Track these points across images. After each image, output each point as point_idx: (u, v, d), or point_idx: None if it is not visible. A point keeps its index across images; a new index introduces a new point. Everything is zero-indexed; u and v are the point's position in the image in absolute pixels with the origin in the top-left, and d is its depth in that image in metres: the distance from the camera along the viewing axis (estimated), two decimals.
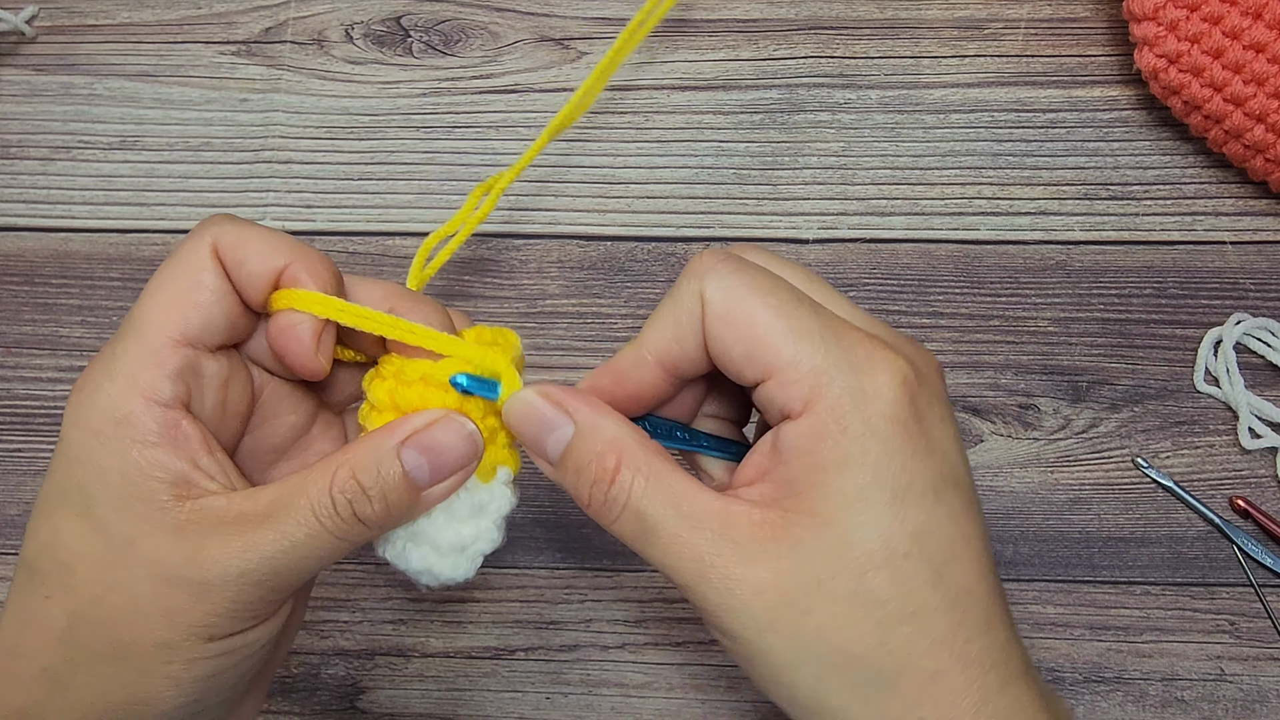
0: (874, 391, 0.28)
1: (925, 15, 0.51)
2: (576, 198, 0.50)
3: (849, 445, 0.28)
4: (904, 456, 0.28)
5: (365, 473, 0.30)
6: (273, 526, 0.29)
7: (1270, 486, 0.46)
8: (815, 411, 0.28)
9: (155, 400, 0.29)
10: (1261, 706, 0.44)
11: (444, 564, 0.32)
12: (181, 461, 0.29)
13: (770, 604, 0.28)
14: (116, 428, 0.29)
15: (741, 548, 0.29)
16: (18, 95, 0.51)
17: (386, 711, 0.45)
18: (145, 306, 0.30)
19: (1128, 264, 0.48)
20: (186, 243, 0.31)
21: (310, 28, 0.52)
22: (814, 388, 0.28)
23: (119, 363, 0.29)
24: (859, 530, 0.28)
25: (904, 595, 0.28)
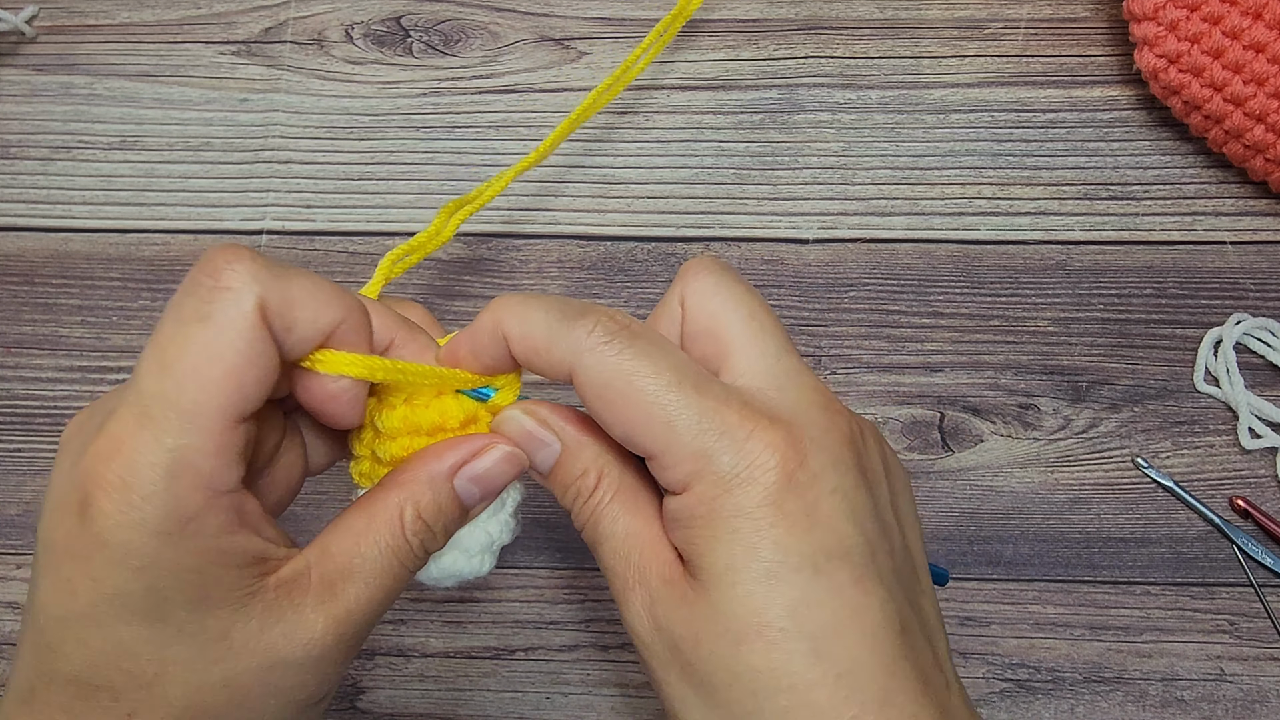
0: (748, 474, 0.28)
1: (925, 15, 0.51)
2: (576, 198, 0.50)
3: (719, 525, 0.28)
4: (777, 533, 0.28)
5: (428, 509, 0.30)
6: (362, 580, 0.29)
7: (1270, 486, 0.46)
8: (692, 492, 0.29)
9: (222, 491, 0.27)
10: (1261, 706, 0.44)
11: (471, 564, 0.33)
12: (254, 540, 0.28)
13: (666, 645, 0.30)
14: (185, 526, 0.26)
15: (651, 587, 0.30)
16: (18, 95, 0.51)
17: (386, 711, 0.45)
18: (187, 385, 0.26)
19: (1128, 264, 0.48)
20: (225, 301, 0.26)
21: (310, 28, 0.52)
22: (691, 472, 0.29)
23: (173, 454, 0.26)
24: (732, 604, 0.28)
25: (778, 668, 0.28)
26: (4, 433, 0.48)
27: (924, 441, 0.47)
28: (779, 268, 0.49)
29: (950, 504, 0.47)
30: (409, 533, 0.30)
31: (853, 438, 0.30)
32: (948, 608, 0.46)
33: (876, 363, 0.48)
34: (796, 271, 0.49)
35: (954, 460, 0.47)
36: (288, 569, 0.28)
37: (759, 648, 0.28)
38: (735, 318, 0.31)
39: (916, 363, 0.48)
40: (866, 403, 0.47)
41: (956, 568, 0.46)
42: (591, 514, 0.32)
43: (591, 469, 0.31)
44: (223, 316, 0.26)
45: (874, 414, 0.47)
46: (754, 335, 0.31)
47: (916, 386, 0.47)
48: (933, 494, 0.47)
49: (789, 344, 0.32)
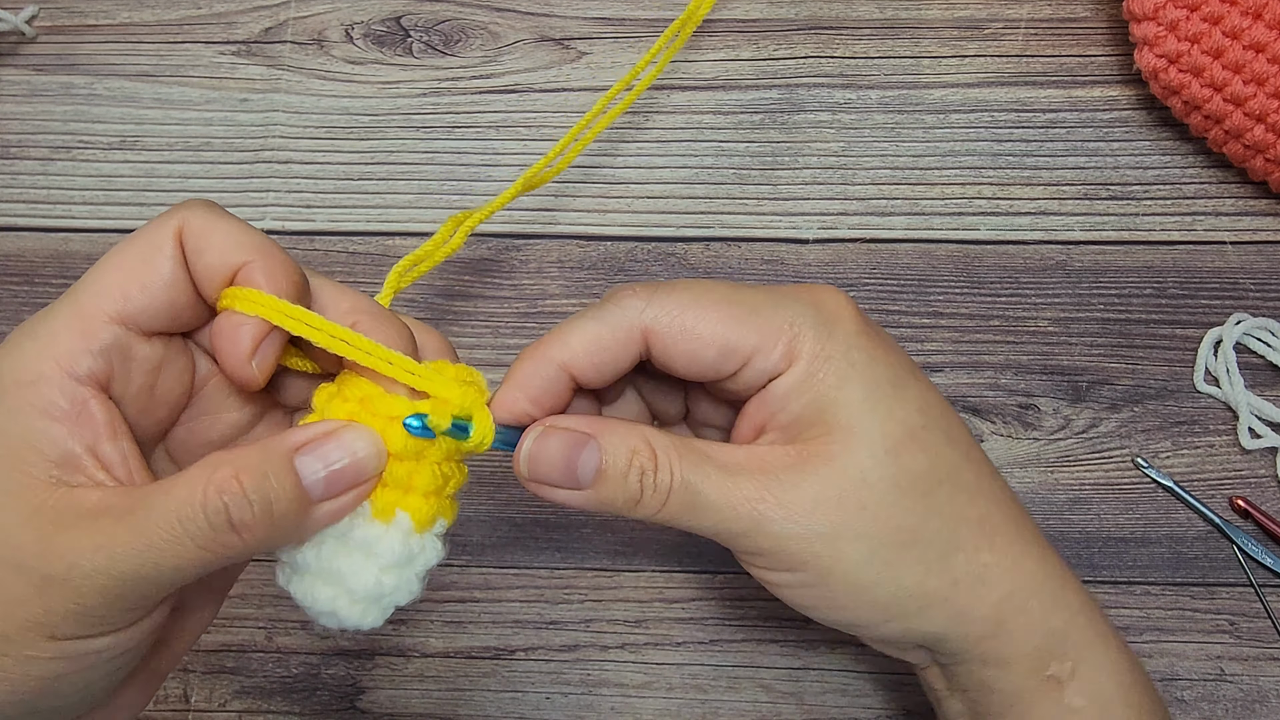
0: (835, 320, 0.32)
1: (925, 15, 0.51)
2: (577, 198, 0.50)
3: (839, 366, 0.32)
4: (881, 354, 0.33)
5: (251, 475, 0.27)
6: (132, 527, 0.26)
7: (1270, 486, 0.46)
8: (800, 358, 0.32)
9: (69, 372, 0.27)
10: (1261, 706, 0.44)
11: (354, 610, 0.30)
12: (75, 442, 0.27)
13: (829, 513, 0.31)
14: (19, 388, 0.27)
15: (784, 479, 0.31)
16: (18, 95, 0.51)
17: (386, 711, 0.45)
18: (90, 277, 0.29)
19: (1128, 264, 0.48)
20: (153, 222, 0.30)
21: (310, 28, 0.52)
22: (789, 342, 0.32)
23: (43, 325, 0.28)
24: (879, 424, 0.32)
25: (933, 460, 0.32)
26: None
27: None
28: (779, 268, 0.49)
29: None
30: (211, 490, 0.26)
31: None
32: None
33: None
34: (796, 271, 0.49)
35: None
36: (83, 491, 0.27)
37: (916, 450, 0.32)
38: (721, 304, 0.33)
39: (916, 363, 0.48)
40: None
41: None
42: (673, 481, 0.31)
43: (639, 444, 0.31)
44: (143, 233, 0.29)
45: None
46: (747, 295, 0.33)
47: None
48: None
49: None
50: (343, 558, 0.30)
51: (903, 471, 0.31)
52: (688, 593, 0.46)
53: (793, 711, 0.45)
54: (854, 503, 0.31)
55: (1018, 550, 0.33)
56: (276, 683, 0.45)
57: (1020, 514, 0.34)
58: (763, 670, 0.45)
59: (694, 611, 0.46)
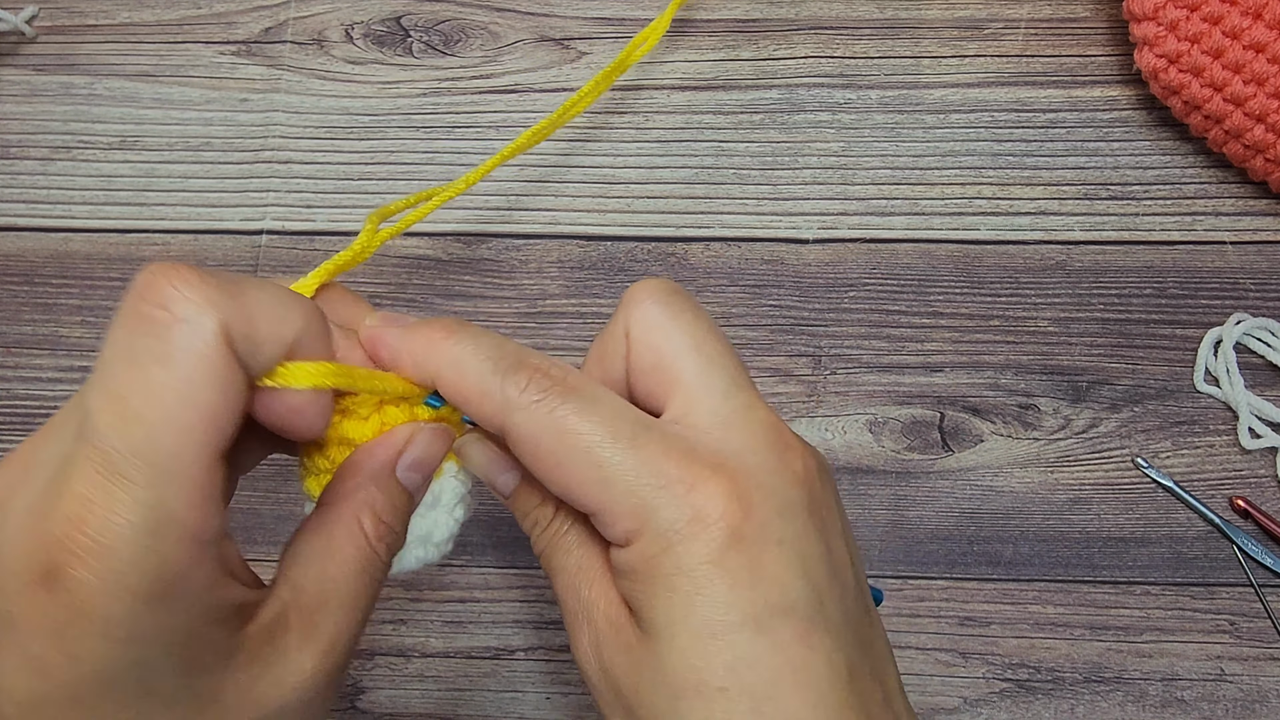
0: (689, 529, 0.27)
1: (925, 15, 0.51)
2: (576, 198, 0.50)
3: (660, 581, 0.28)
4: (718, 590, 0.27)
5: (387, 512, 0.29)
6: (339, 608, 0.28)
7: (1270, 486, 0.46)
8: (634, 549, 0.28)
9: (207, 541, 0.24)
10: (1261, 706, 0.44)
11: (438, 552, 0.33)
12: (234, 589, 0.26)
13: (610, 687, 0.29)
14: (172, 588, 0.24)
15: (599, 630, 0.30)
16: (18, 95, 0.51)
17: (386, 711, 0.45)
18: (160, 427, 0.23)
19: (1128, 264, 0.48)
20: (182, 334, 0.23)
21: (310, 28, 0.52)
22: (632, 529, 0.28)
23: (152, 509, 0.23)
24: (673, 660, 0.28)
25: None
26: (4, 433, 0.48)
27: (924, 441, 0.47)
28: (779, 268, 0.49)
29: (950, 504, 0.47)
30: (373, 540, 0.29)
31: (805, 478, 0.29)
32: (948, 608, 0.46)
33: (876, 363, 0.48)
34: (796, 271, 0.49)
35: (954, 460, 0.47)
36: (266, 613, 0.27)
37: (697, 705, 0.27)
38: (682, 350, 0.30)
39: (916, 363, 0.48)
40: (866, 403, 0.47)
41: (956, 568, 0.46)
42: (548, 544, 0.31)
43: (549, 500, 0.31)
44: (184, 355, 0.23)
45: (874, 414, 0.47)
46: (701, 370, 0.30)
47: (916, 386, 0.47)
48: (933, 494, 0.47)
49: (740, 376, 0.30)
50: (421, 520, 0.32)
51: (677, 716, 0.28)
52: None
53: None
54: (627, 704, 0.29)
55: None
56: None
57: None
58: None
59: None
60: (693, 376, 0.30)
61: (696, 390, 0.30)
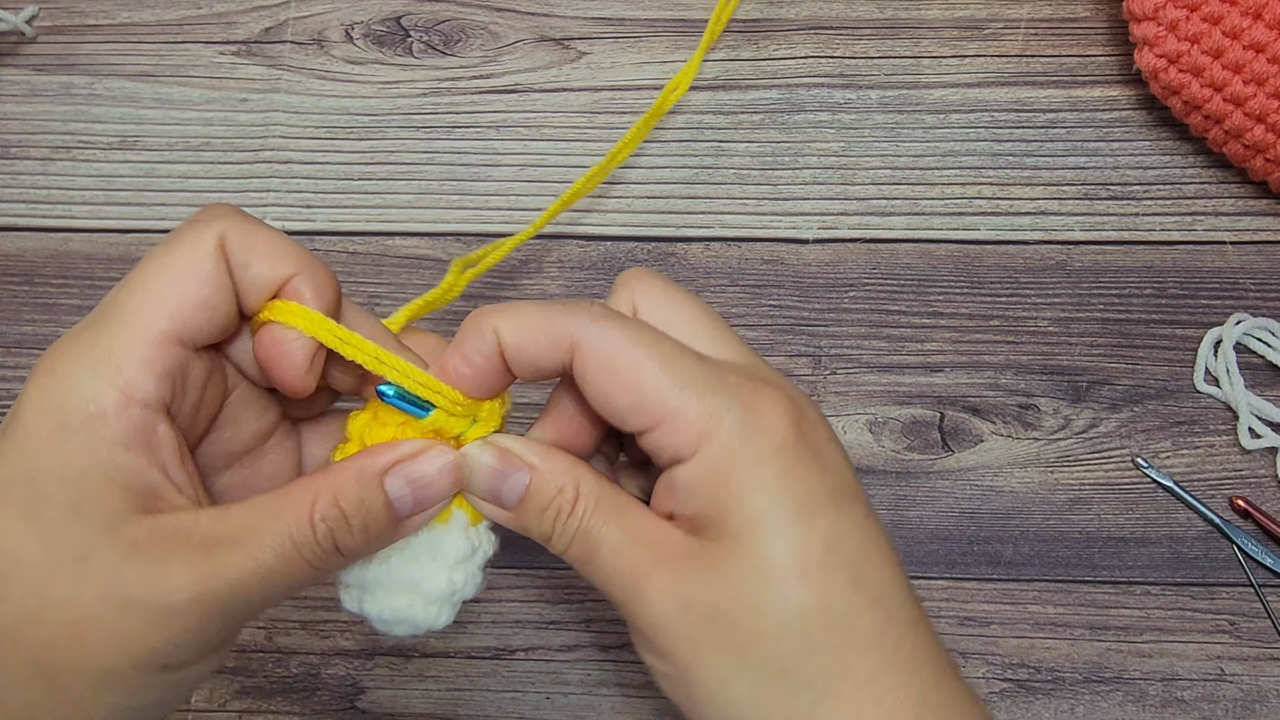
0: (761, 424, 0.29)
1: (925, 15, 0.51)
2: None
3: (744, 475, 0.29)
4: (799, 474, 0.29)
5: (348, 499, 0.29)
6: (244, 551, 0.27)
7: (1270, 486, 0.46)
8: (705, 452, 0.29)
9: (137, 399, 0.27)
10: (1261, 706, 0.44)
11: (428, 613, 0.31)
12: (153, 470, 0.27)
13: (699, 619, 0.29)
14: (89, 422, 0.26)
15: (670, 566, 0.29)
16: (18, 95, 0.51)
17: (386, 711, 0.45)
18: (138, 292, 0.27)
19: (1128, 264, 0.48)
20: (189, 230, 0.28)
21: (310, 28, 0.52)
22: (701, 432, 0.29)
23: (101, 351, 0.27)
24: (771, 547, 0.29)
25: (826, 602, 0.29)
26: None
27: (924, 441, 0.47)
28: (779, 268, 0.49)
29: (950, 504, 0.47)
30: (317, 517, 0.28)
31: (812, 401, 0.33)
32: (948, 608, 0.46)
33: (876, 363, 0.48)
34: (796, 271, 0.49)
35: (954, 460, 0.47)
36: (176, 516, 0.27)
37: (804, 585, 0.28)
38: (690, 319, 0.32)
39: (916, 363, 0.48)
40: (866, 403, 0.47)
41: (956, 568, 0.46)
42: (579, 527, 0.31)
43: (568, 483, 0.31)
44: (183, 242, 0.28)
45: (874, 414, 0.47)
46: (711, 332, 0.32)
47: (916, 386, 0.47)
48: (933, 494, 0.47)
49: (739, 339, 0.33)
50: (413, 566, 0.31)
51: (784, 605, 0.28)
52: None
53: None
54: (727, 620, 0.29)
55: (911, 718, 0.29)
56: (276, 683, 0.45)
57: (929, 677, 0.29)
58: None
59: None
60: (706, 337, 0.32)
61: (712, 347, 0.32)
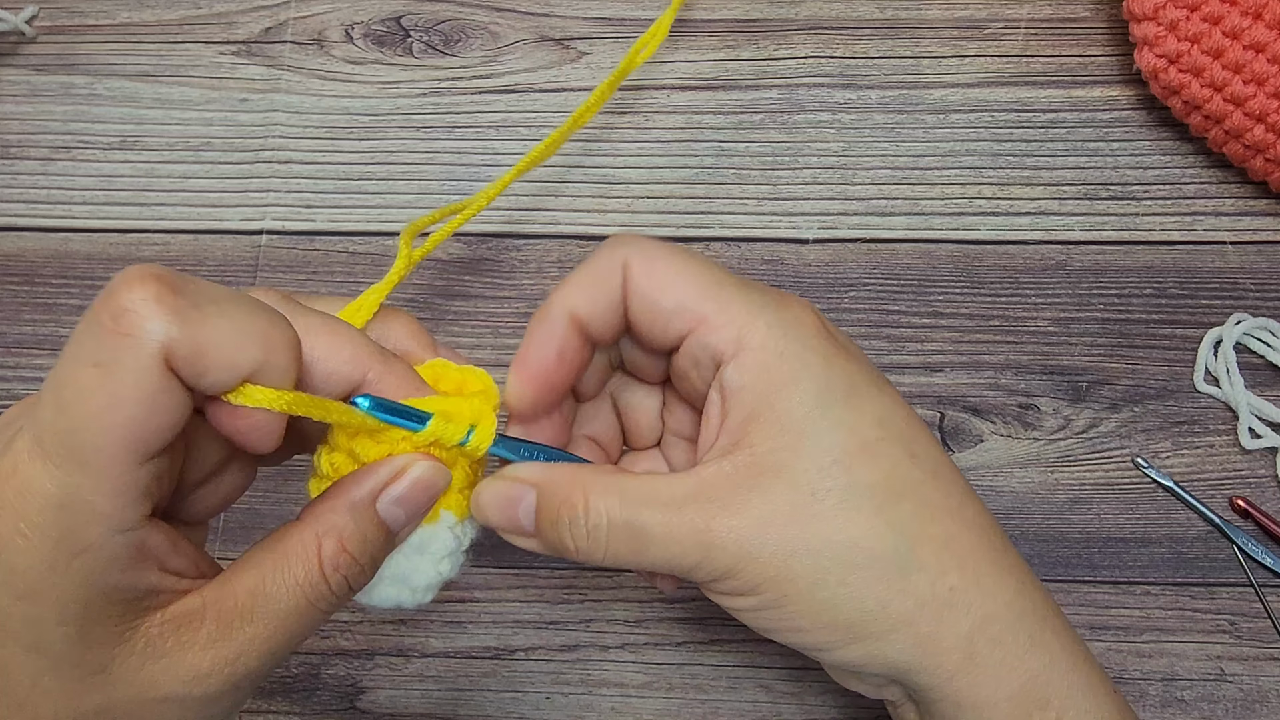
0: (795, 320, 0.31)
1: (925, 15, 0.51)
2: (576, 198, 0.50)
3: (790, 364, 0.31)
4: (840, 362, 0.31)
5: (352, 540, 0.29)
6: (260, 621, 0.27)
7: (1270, 486, 0.46)
8: (750, 347, 0.31)
9: (120, 529, 0.26)
10: (1261, 706, 0.44)
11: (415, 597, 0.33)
12: (149, 575, 0.27)
13: (778, 530, 0.30)
14: (74, 560, 0.25)
15: (728, 501, 0.30)
16: (18, 95, 0.51)
17: (386, 711, 0.45)
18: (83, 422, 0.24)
19: (1128, 264, 0.48)
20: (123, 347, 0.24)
21: (310, 28, 0.52)
22: (744, 326, 0.31)
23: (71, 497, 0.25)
24: (828, 432, 0.30)
25: (890, 475, 0.30)
26: None
27: None
28: (779, 268, 0.49)
29: None
30: (328, 568, 0.28)
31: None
32: None
33: (876, 363, 0.48)
34: (796, 271, 0.49)
35: (954, 460, 0.47)
36: (179, 605, 0.27)
37: (868, 462, 0.30)
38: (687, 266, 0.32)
39: (916, 363, 0.48)
40: None
41: None
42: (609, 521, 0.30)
43: (574, 489, 0.31)
44: (121, 366, 0.24)
45: None
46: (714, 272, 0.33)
47: (916, 386, 0.47)
48: None
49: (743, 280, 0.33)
50: (403, 562, 0.32)
51: (854, 484, 0.30)
52: (688, 593, 0.46)
53: (793, 711, 0.45)
54: (804, 518, 0.29)
55: (991, 578, 0.31)
56: (276, 683, 0.45)
57: (997, 540, 0.32)
58: (763, 670, 0.45)
59: (694, 611, 0.46)
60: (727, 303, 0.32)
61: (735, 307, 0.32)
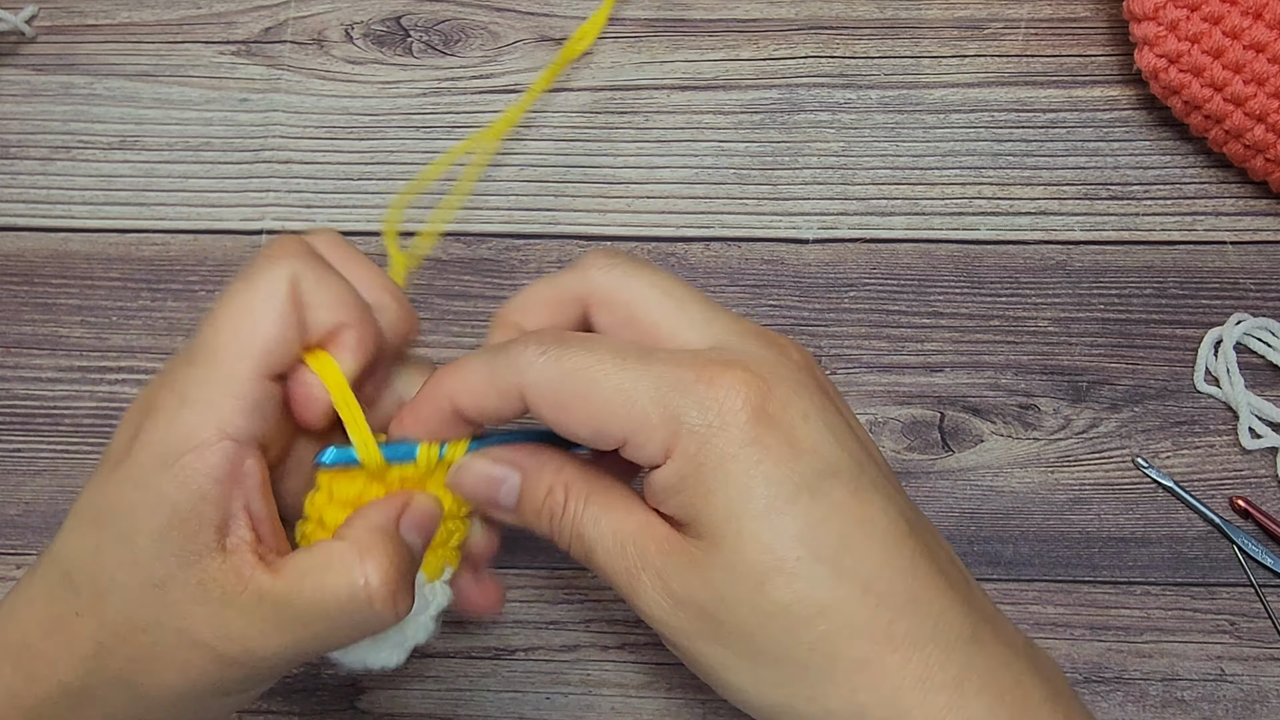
0: (722, 420, 0.29)
1: (925, 15, 0.51)
2: (576, 198, 0.50)
3: (709, 476, 0.29)
4: (765, 468, 0.29)
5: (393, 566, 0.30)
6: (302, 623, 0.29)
7: (1270, 486, 0.46)
8: (674, 458, 0.29)
9: (230, 434, 0.28)
10: (1261, 706, 0.44)
11: (379, 655, 0.33)
12: (235, 502, 0.29)
13: (690, 616, 0.30)
14: (185, 457, 0.28)
15: (657, 564, 0.30)
16: (18, 95, 0.51)
17: (386, 711, 0.45)
18: (224, 331, 0.29)
19: (1128, 264, 0.48)
20: (264, 269, 0.30)
21: (310, 28, 0.52)
22: (667, 437, 0.29)
23: (195, 389, 0.29)
24: (743, 548, 0.29)
25: (805, 597, 0.29)
26: (4, 433, 0.48)
27: (924, 441, 0.47)
28: (779, 268, 0.49)
29: (950, 504, 0.47)
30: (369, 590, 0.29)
31: (805, 363, 0.32)
32: None
33: (876, 363, 0.48)
34: (796, 271, 0.49)
35: (954, 460, 0.47)
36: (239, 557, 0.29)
37: (781, 583, 0.29)
38: (652, 299, 0.32)
39: (916, 363, 0.48)
40: (866, 403, 0.47)
41: None
42: (572, 526, 0.32)
43: (556, 484, 0.32)
44: (260, 280, 0.30)
45: (874, 414, 0.47)
46: (676, 309, 0.32)
47: (916, 386, 0.47)
48: (933, 494, 0.47)
49: (714, 305, 0.32)
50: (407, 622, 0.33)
51: (765, 603, 0.29)
52: None
53: None
54: (716, 617, 0.30)
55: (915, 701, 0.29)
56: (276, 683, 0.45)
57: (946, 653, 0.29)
58: None
59: None
60: (671, 316, 0.32)
61: (679, 326, 0.31)
